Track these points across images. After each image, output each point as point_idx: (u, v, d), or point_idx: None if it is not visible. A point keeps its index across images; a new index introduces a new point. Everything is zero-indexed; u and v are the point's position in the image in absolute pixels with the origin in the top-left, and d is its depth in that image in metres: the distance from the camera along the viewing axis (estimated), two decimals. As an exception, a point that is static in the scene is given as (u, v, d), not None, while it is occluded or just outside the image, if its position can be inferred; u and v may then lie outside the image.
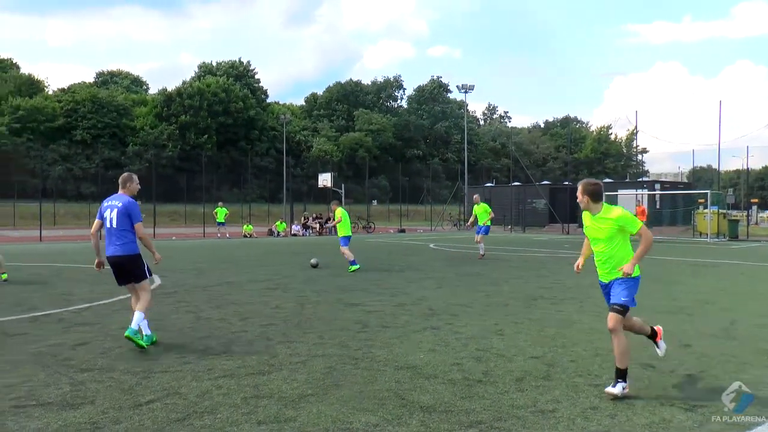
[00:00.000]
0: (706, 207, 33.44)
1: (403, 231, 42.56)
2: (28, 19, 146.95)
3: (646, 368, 6.05)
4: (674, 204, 41.80)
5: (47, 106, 71.08)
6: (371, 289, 12.10)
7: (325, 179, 49.00)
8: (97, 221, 7.31)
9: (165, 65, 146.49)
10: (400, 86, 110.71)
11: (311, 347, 6.97)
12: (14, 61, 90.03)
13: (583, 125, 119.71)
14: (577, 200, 5.57)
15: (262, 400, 5.08)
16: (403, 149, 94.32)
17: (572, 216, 42.32)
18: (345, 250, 16.17)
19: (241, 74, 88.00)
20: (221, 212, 34.09)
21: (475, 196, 20.36)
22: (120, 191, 7.29)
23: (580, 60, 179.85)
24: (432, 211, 51.23)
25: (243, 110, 79.99)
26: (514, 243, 26.64)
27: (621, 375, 5.22)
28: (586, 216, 5.62)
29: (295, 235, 37.46)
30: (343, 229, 16.45)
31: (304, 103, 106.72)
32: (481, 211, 19.51)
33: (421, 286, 12.43)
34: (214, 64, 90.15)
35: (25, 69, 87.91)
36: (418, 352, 6.71)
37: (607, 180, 51.92)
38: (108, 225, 7.10)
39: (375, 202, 65.46)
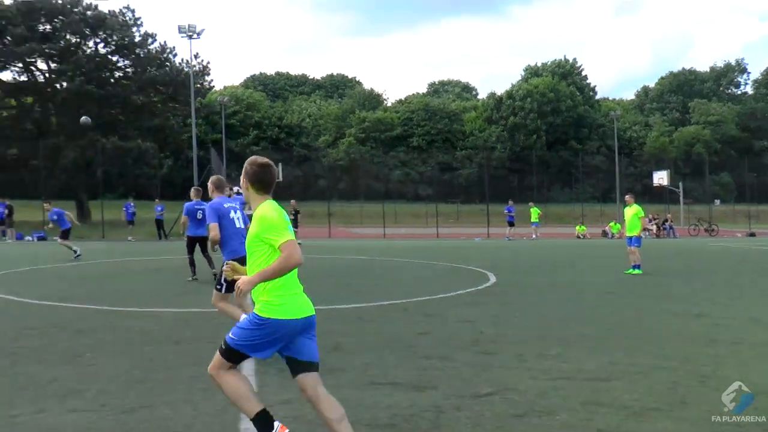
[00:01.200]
0: None
1: (752, 235, 37.79)
2: (368, 40, 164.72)
3: None
4: None
5: (386, 117, 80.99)
6: (718, 299, 10.94)
7: (660, 177, 46.21)
8: (214, 224, 6.82)
9: (493, 70, 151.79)
10: (744, 70, 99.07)
11: (652, 358, 6.49)
12: (358, 80, 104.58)
13: None
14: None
15: (602, 407, 4.87)
16: (750, 141, 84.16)
17: None
18: (633, 250, 15.00)
19: (567, 73, 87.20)
20: (534, 212, 34.80)
21: None
22: (221, 194, 7.15)
23: None
24: (790, 213, 44.94)
25: (572, 108, 79.44)
26: None
27: (259, 424, 3.67)
28: None
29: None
30: (629, 227, 15.21)
31: (634, 98, 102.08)
32: None
33: (781, 300, 10.92)
34: (539, 65, 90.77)
35: (366, 85, 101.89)
36: (782, 376, 5.86)
37: None
38: (238, 225, 6.91)
39: (717, 202, 59.40)
